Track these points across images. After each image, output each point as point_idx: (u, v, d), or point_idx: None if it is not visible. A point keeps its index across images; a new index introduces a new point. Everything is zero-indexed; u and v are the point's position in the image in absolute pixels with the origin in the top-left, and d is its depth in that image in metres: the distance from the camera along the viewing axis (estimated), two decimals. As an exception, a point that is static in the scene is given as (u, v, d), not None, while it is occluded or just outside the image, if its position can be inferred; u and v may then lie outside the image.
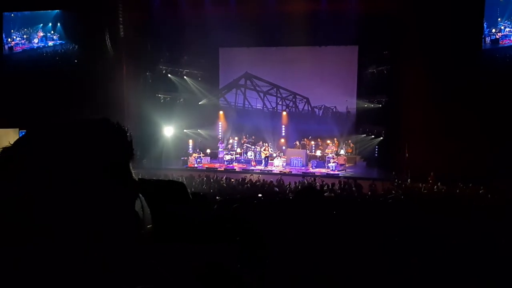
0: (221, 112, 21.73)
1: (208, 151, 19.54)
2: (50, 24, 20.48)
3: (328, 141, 19.09)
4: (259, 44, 19.61)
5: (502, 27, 16.91)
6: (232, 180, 14.21)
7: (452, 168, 14.24)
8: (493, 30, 16.78)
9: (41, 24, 20.50)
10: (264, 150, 18.41)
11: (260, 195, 10.00)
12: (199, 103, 21.17)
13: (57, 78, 17.35)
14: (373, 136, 19.03)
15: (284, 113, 21.19)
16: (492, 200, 10.47)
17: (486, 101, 14.56)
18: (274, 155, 18.57)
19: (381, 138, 18.63)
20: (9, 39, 20.45)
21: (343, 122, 19.99)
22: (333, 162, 17.45)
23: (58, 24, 20.30)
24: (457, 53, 14.74)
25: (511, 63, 16.15)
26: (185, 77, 20.92)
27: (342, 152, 18.62)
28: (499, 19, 16.84)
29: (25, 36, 20.78)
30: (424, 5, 15.01)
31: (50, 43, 20.39)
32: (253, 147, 19.21)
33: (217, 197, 7.08)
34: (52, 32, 20.35)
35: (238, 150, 19.63)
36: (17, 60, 20.45)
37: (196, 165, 18.35)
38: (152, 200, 0.90)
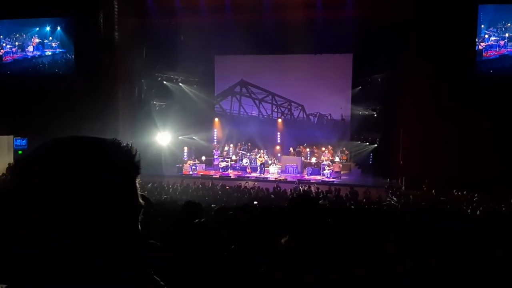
0: (216, 119, 21.78)
1: (203, 158, 19.51)
2: (47, 29, 17.44)
3: (323, 148, 19.16)
4: (255, 51, 19.69)
5: (486, 36, 15.00)
6: (228, 187, 14.19)
7: (447, 175, 14.35)
8: (476, 40, 15.10)
9: (37, 28, 17.48)
10: (260, 157, 18.43)
11: (255, 202, 10.01)
12: (195, 110, 21.16)
13: (54, 88, 16.58)
14: (367, 143, 19.14)
15: (280, 120, 21.28)
16: (487, 206, 10.52)
17: (480, 110, 14.69)
18: (270, 162, 18.58)
19: (376, 145, 18.73)
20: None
21: (338, 130, 20.06)
22: (328, 169, 17.49)
23: (58, 28, 17.31)
24: (452, 61, 14.84)
25: (498, 77, 14.87)
26: (180, 84, 20.94)
27: (337, 159, 18.66)
28: (482, 25, 15.00)
29: (17, 43, 17.51)
30: (419, 14, 15.13)
31: (48, 52, 17.45)
32: (248, 154, 19.22)
33: (213, 205, 7.08)
34: (50, 38, 17.45)
35: (234, 157, 19.62)
36: (6, 72, 17.51)
37: (191, 172, 18.32)
38: None
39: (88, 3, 16.90)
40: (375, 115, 18.94)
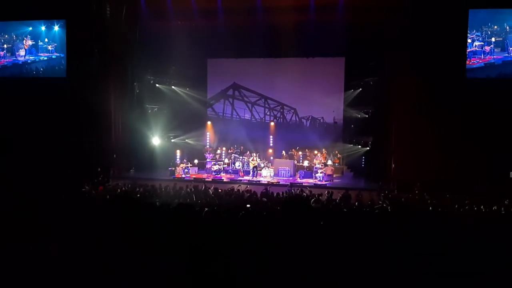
0: (209, 122, 21.79)
1: (196, 161, 19.47)
2: (43, 29, 15.27)
3: (316, 152, 19.21)
4: (247, 55, 19.86)
5: (469, 41, 13.82)
6: (220, 190, 14.14)
7: (438, 178, 14.45)
8: (466, 44, 14.29)
9: (29, 28, 15.36)
10: (252, 160, 18.43)
11: (248, 205, 9.98)
12: (187, 113, 21.13)
13: (48, 93, 15.95)
14: (360, 146, 19.24)
15: (272, 123, 21.32)
16: (477, 210, 10.60)
17: (471, 114, 14.81)
18: (262, 165, 18.59)
19: (368, 148, 18.83)
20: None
21: (330, 133, 20.17)
22: (320, 173, 17.53)
23: (56, 27, 15.21)
24: (442, 66, 14.93)
25: (483, 86, 14.13)
26: (173, 87, 20.92)
27: (329, 162, 18.72)
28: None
29: (5, 46, 15.45)
30: (411, 18, 15.22)
31: (43, 56, 15.47)
32: (241, 157, 19.21)
33: (206, 208, 7.05)
34: (46, 40, 15.50)
35: (226, 161, 19.61)
36: None
37: (183, 176, 18.26)
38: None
39: (79, 6, 16.74)
40: (367, 118, 19.03)
